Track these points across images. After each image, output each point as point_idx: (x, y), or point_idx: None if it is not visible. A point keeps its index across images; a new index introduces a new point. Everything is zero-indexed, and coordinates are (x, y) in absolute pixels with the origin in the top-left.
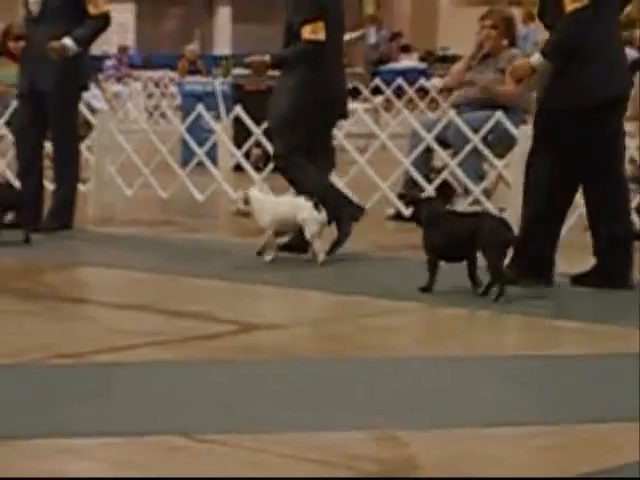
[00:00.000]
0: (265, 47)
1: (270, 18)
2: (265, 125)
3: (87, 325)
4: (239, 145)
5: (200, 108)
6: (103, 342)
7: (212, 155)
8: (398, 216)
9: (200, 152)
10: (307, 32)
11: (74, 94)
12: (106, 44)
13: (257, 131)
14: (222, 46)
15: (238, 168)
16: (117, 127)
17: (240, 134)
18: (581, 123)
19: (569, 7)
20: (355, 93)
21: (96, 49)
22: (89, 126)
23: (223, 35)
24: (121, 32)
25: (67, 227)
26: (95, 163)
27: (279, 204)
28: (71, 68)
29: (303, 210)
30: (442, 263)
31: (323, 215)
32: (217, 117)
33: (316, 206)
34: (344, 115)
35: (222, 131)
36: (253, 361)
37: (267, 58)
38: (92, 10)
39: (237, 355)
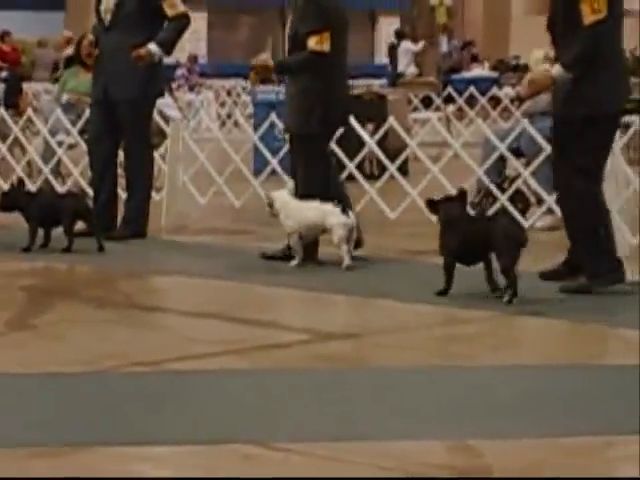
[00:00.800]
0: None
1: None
2: (337, 134)
3: (162, 333)
4: None
5: (273, 117)
6: (178, 350)
7: (284, 164)
8: None
9: (273, 161)
10: (313, 43)
11: (149, 101)
12: (179, 52)
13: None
14: None
15: None
16: (190, 136)
17: None
18: (598, 131)
19: (588, 19)
20: (427, 102)
21: (168, 58)
22: (163, 135)
23: None
24: (193, 41)
25: (140, 235)
26: (168, 172)
27: (305, 209)
28: (147, 75)
29: (331, 215)
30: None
31: (351, 220)
32: None
33: (344, 211)
34: (344, 123)
35: None
36: (327, 370)
37: (271, 63)
38: (170, 12)
39: (310, 364)
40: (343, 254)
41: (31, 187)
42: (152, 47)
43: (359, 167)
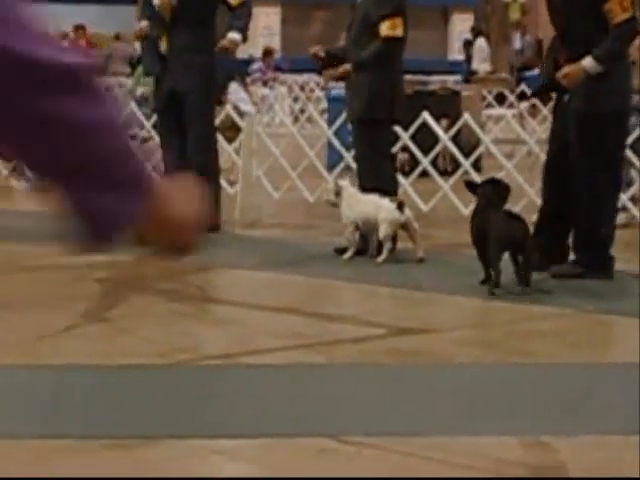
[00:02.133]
0: (410, 52)
1: (415, 23)
2: (412, 130)
3: (234, 327)
4: None
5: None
6: (250, 344)
7: None
8: None
9: (347, 155)
10: (386, 28)
11: (213, 93)
12: (252, 47)
13: (404, 135)
14: None
15: None
16: (264, 130)
17: None
18: (617, 124)
19: (619, 17)
20: (501, 99)
21: (242, 52)
22: (237, 129)
23: None
24: (267, 35)
25: (214, 229)
26: (242, 166)
27: (363, 201)
28: (211, 67)
29: (384, 210)
30: None
31: (404, 216)
32: None
33: (399, 208)
34: (403, 117)
35: None
36: (401, 365)
37: (348, 67)
38: (233, 1)
39: (386, 359)
40: (384, 250)
41: None
42: (234, 36)
43: (433, 163)
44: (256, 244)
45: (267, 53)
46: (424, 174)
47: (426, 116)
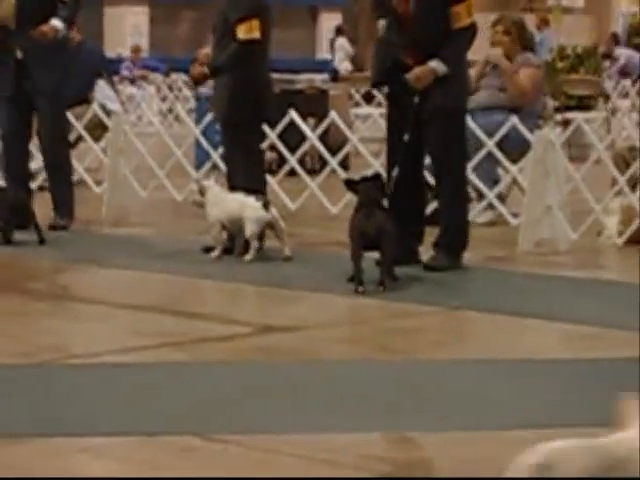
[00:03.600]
0: (278, 51)
1: (283, 22)
2: (279, 128)
3: (100, 325)
4: None
5: None
6: (116, 343)
7: None
8: None
9: (214, 154)
10: (242, 31)
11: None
12: (121, 46)
13: (271, 134)
14: None
15: None
16: (131, 129)
17: None
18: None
19: (464, 22)
20: (368, 98)
21: (110, 51)
22: (104, 127)
23: None
24: (135, 35)
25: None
26: (109, 165)
27: (230, 200)
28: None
29: (249, 209)
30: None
31: (270, 215)
32: None
33: (265, 206)
34: (274, 111)
35: None
36: (267, 363)
37: (205, 69)
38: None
39: (252, 356)
40: (250, 249)
41: None
42: (56, 22)
43: (300, 161)
44: (123, 243)
45: (135, 50)
46: (292, 173)
47: (293, 115)
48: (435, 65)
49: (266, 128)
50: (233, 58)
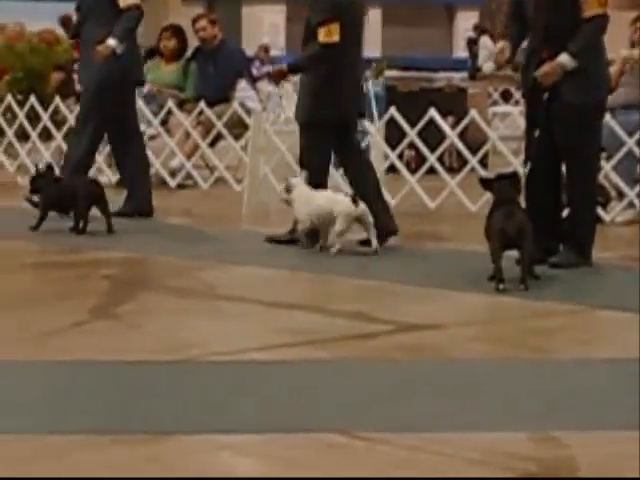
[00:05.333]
0: (415, 49)
1: (420, 20)
2: (419, 127)
3: (242, 323)
4: (391, 147)
5: None
6: (258, 340)
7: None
8: None
9: None
10: (322, 35)
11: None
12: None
13: (411, 132)
14: (372, 48)
15: (391, 169)
16: (271, 128)
17: (393, 136)
18: (599, 116)
19: (593, 11)
20: (506, 96)
21: (250, 50)
22: (244, 126)
23: (373, 37)
24: (272, 34)
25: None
26: (250, 163)
27: (318, 197)
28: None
29: (340, 204)
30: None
31: (360, 210)
32: (370, 119)
33: (354, 200)
34: (362, 114)
35: (376, 133)
36: (410, 361)
37: (284, 66)
38: (122, 3)
39: (394, 355)
40: (336, 242)
41: (111, 177)
42: (111, 42)
43: (440, 160)
44: (263, 241)
45: (262, 48)
46: (431, 171)
47: (433, 113)
48: (564, 60)
49: (406, 127)
50: (311, 59)
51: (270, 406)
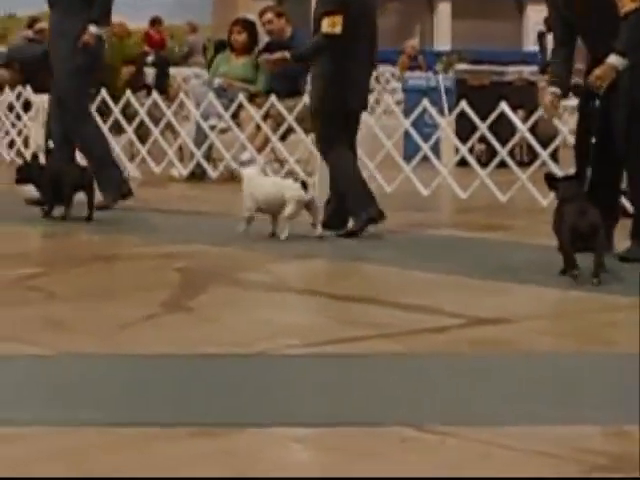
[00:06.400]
0: (485, 42)
1: (490, 14)
2: (489, 120)
3: (314, 316)
4: (461, 140)
5: (425, 103)
6: (331, 333)
7: (434, 150)
8: None
9: (425, 147)
10: (325, 25)
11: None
12: None
13: (482, 126)
14: (442, 42)
15: (461, 163)
16: None
17: (463, 129)
18: None
19: (628, 7)
20: (577, 90)
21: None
22: None
23: (443, 30)
24: None
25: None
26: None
27: (267, 184)
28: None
29: (289, 190)
30: None
31: (309, 195)
32: (440, 112)
33: (304, 186)
34: (364, 107)
35: (446, 126)
36: (481, 355)
37: (287, 54)
38: None
39: (465, 349)
40: (283, 226)
41: (182, 171)
42: (92, 29)
43: (510, 153)
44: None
45: None
46: (502, 165)
47: (504, 106)
48: (614, 60)
49: (477, 120)
50: (313, 49)
51: (342, 399)
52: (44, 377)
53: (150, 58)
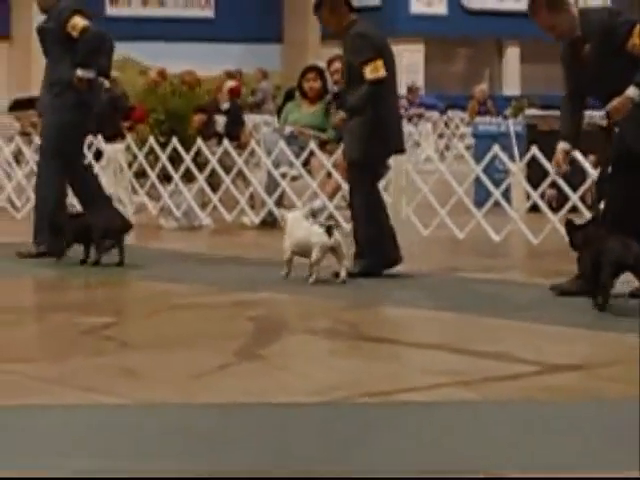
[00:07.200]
0: (554, 87)
1: (559, 58)
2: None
3: (389, 364)
4: (532, 186)
5: (496, 149)
6: (406, 381)
7: (505, 196)
8: None
9: (496, 192)
10: (369, 72)
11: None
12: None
13: (553, 172)
14: (511, 86)
15: (533, 208)
16: (413, 167)
17: (534, 174)
18: None
19: None
20: None
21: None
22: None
23: (512, 75)
24: (411, 73)
25: None
26: (392, 203)
27: (299, 229)
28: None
29: (314, 236)
30: None
31: (333, 241)
32: (511, 158)
33: (328, 232)
34: (402, 150)
35: (518, 171)
36: (555, 402)
37: (342, 114)
38: (74, 34)
39: (540, 396)
40: (312, 270)
41: (254, 219)
42: (78, 72)
43: (581, 198)
44: (406, 282)
45: (412, 90)
46: (573, 210)
47: (575, 153)
48: (631, 93)
49: (548, 166)
50: (365, 98)
51: (418, 447)
52: (121, 427)
53: (225, 105)
